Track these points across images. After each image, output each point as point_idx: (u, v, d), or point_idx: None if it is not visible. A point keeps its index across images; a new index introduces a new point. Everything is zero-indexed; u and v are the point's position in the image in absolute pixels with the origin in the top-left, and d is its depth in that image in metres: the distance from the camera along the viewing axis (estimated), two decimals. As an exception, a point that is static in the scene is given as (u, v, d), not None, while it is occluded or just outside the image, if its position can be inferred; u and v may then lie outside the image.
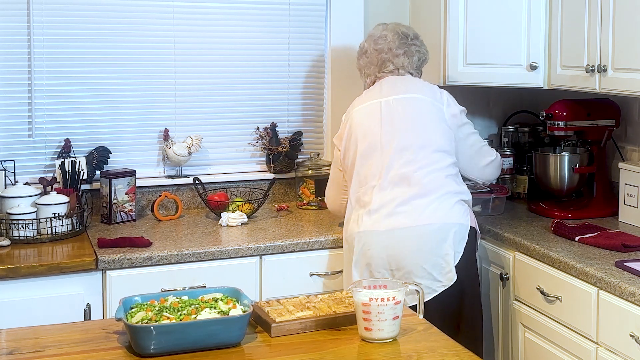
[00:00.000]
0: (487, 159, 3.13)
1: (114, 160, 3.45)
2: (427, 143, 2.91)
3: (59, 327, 2.14)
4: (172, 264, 2.91)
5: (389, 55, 3.07)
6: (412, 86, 3.03)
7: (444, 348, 1.96)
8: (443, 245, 2.82)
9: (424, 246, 2.81)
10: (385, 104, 2.96)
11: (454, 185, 2.92)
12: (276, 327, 2.03)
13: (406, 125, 2.93)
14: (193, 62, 3.58)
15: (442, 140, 2.94)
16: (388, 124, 2.92)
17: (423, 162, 2.88)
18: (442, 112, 2.98)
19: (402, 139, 2.90)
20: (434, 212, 2.83)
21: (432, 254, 2.81)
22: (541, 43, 3.28)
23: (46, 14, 3.32)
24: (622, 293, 2.45)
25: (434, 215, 2.83)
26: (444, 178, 2.89)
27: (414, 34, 3.16)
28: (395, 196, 2.85)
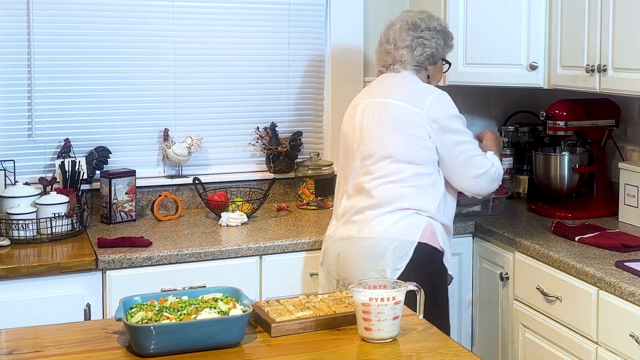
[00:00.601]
0: (477, 171, 2.81)
1: (113, 160, 3.45)
2: (389, 153, 2.73)
3: (59, 327, 2.14)
4: (172, 264, 2.91)
5: (391, 47, 2.88)
6: (395, 89, 2.82)
7: (444, 348, 1.96)
8: (380, 261, 2.67)
9: (363, 260, 2.71)
10: (362, 107, 2.85)
11: (413, 198, 2.72)
12: (276, 327, 2.02)
13: (373, 132, 2.78)
14: (193, 62, 3.57)
15: (409, 150, 2.73)
16: (359, 129, 2.82)
17: (380, 173, 2.74)
18: (421, 118, 2.72)
19: (367, 146, 2.78)
20: (377, 225, 2.70)
21: (369, 268, 2.68)
22: (541, 43, 3.28)
23: (46, 14, 3.32)
24: (622, 293, 2.45)
25: (375, 229, 2.70)
26: (399, 189, 2.72)
27: (428, 25, 2.89)
28: (354, 204, 2.78)
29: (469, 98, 3.98)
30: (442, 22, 2.99)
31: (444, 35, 2.93)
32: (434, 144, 2.74)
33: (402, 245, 2.68)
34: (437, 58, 2.92)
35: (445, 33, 2.95)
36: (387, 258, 2.67)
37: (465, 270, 3.33)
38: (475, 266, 3.32)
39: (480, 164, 2.83)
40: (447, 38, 2.95)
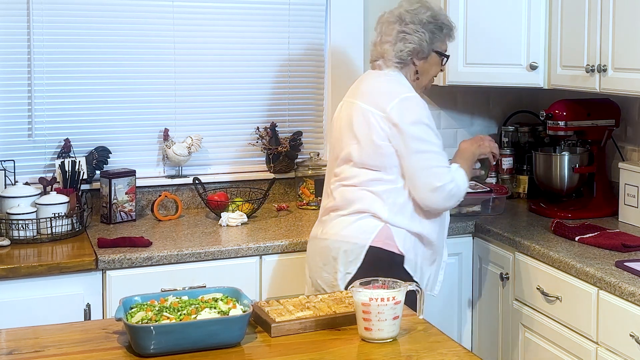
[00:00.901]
0: (434, 184, 2.61)
1: (113, 160, 3.45)
2: (349, 157, 2.68)
3: (59, 327, 2.14)
4: (172, 264, 2.91)
5: (378, 41, 2.79)
6: (367, 89, 2.73)
7: (443, 348, 1.96)
8: (333, 264, 2.65)
9: (320, 261, 2.71)
10: (339, 106, 2.85)
11: (370, 202, 2.64)
12: (276, 327, 2.02)
13: (340, 134, 2.75)
14: (193, 62, 3.57)
15: (365, 156, 2.65)
16: (330, 131, 2.84)
17: (342, 175, 2.71)
18: (382, 121, 2.62)
19: (334, 149, 2.79)
20: (332, 227, 2.68)
21: (324, 270, 2.69)
22: (541, 43, 3.29)
23: (46, 14, 3.32)
24: (622, 293, 2.45)
25: (330, 231, 2.68)
26: (356, 192, 2.65)
27: (414, 18, 2.73)
28: (324, 205, 2.80)
29: (469, 98, 3.99)
30: (437, 12, 2.79)
31: (433, 28, 2.75)
32: (394, 149, 2.63)
33: (352, 248, 2.63)
34: (425, 53, 2.75)
35: (437, 25, 2.76)
36: (339, 261, 2.64)
37: (465, 270, 3.33)
38: (475, 266, 3.32)
39: (438, 177, 2.62)
40: (437, 30, 2.76)
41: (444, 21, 2.80)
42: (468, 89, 3.89)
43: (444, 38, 2.81)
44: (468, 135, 4.00)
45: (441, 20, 2.78)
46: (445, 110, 3.97)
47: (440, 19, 2.78)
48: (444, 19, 2.81)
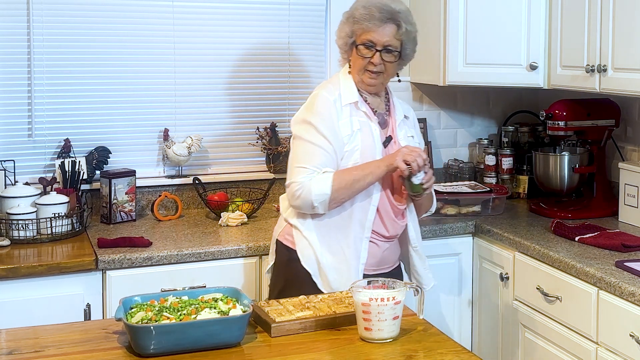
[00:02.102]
0: (287, 181, 2.62)
1: (114, 160, 3.45)
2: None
3: (59, 327, 2.14)
4: (172, 264, 2.91)
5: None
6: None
7: (443, 348, 1.96)
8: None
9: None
10: None
11: (284, 199, 2.70)
12: (276, 327, 2.03)
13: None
14: (193, 62, 3.57)
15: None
16: None
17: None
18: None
19: None
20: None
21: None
22: (541, 43, 3.29)
23: (46, 14, 3.32)
24: (622, 293, 2.45)
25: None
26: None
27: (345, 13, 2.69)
28: None
29: (469, 98, 3.99)
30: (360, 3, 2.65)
31: (344, 19, 2.69)
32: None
33: (272, 241, 2.77)
34: (348, 45, 2.67)
35: (347, 15, 2.68)
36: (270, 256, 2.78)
37: (465, 270, 3.33)
38: (475, 266, 3.32)
39: (290, 175, 2.60)
40: (345, 20, 2.68)
41: (351, 8, 2.68)
42: (468, 89, 3.89)
43: (351, 25, 2.65)
44: (468, 135, 4.01)
45: (351, 10, 2.68)
46: (445, 110, 3.97)
47: (351, 9, 2.68)
48: (353, 7, 2.68)
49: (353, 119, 2.61)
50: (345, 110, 2.62)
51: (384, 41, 2.61)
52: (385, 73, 2.67)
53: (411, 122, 2.80)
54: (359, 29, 2.62)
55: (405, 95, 3.88)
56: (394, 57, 2.64)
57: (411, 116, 2.81)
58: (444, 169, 3.96)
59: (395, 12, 2.62)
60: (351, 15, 2.66)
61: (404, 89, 3.88)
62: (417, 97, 3.91)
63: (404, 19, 2.63)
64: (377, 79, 2.66)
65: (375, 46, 2.62)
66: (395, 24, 2.62)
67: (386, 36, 2.61)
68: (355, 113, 2.63)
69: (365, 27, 2.61)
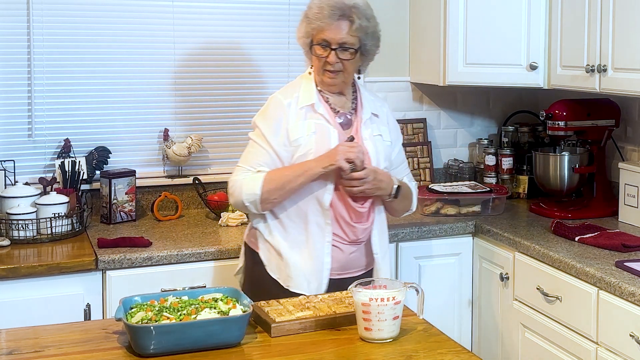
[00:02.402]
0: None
1: (114, 160, 3.45)
2: None
3: (59, 327, 2.14)
4: (172, 264, 2.91)
5: None
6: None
7: (443, 348, 1.96)
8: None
9: None
10: None
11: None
12: (276, 327, 2.02)
13: None
14: (193, 62, 3.57)
15: None
16: None
17: None
18: None
19: None
20: None
21: None
22: (541, 43, 3.29)
23: (46, 14, 3.32)
24: (622, 293, 2.45)
25: None
26: None
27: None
28: None
29: (469, 98, 3.99)
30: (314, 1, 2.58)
31: (302, 16, 2.62)
32: None
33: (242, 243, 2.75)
34: (307, 45, 2.61)
35: (304, 12, 2.61)
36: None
37: (465, 270, 3.33)
38: (475, 266, 3.32)
39: (233, 172, 2.61)
40: (304, 17, 2.61)
41: (307, 7, 2.61)
42: (468, 89, 3.89)
43: (306, 25, 2.59)
44: (468, 135, 4.01)
45: (306, 9, 2.61)
46: (445, 110, 3.97)
47: (307, 8, 2.61)
48: (308, 6, 2.61)
49: (309, 122, 2.55)
50: (300, 113, 2.56)
51: (338, 39, 2.53)
52: (345, 72, 2.58)
53: (383, 120, 2.69)
54: (313, 28, 2.55)
55: (405, 96, 3.88)
56: (350, 54, 2.55)
57: (382, 114, 2.70)
58: (444, 169, 3.96)
59: (348, 8, 2.53)
60: (306, 15, 2.59)
61: (404, 89, 3.88)
62: (417, 97, 3.91)
63: (358, 14, 2.54)
64: (336, 78, 2.58)
65: (330, 45, 2.54)
66: (349, 20, 2.53)
67: (340, 33, 2.53)
68: (311, 115, 2.56)
69: (318, 26, 2.54)
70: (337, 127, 2.58)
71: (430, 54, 3.64)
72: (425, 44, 3.71)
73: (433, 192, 3.46)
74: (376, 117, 2.67)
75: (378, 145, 2.62)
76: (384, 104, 2.77)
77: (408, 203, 2.75)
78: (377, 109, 2.69)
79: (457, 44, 3.47)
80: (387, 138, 2.68)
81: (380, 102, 2.76)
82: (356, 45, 2.56)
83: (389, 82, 3.85)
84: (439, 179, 3.91)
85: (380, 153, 2.62)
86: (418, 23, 3.78)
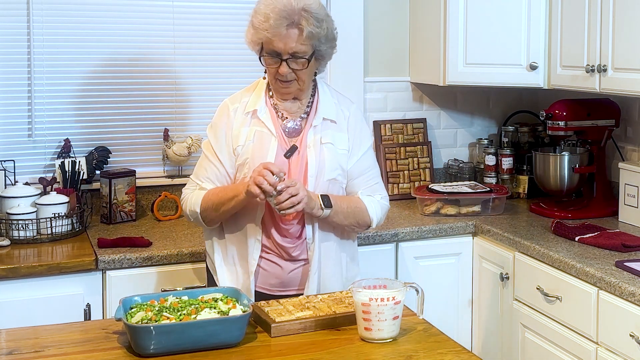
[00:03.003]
0: None
1: (114, 160, 3.45)
2: None
3: (59, 327, 2.14)
4: (172, 264, 2.91)
5: None
6: None
7: (443, 348, 1.96)
8: None
9: None
10: None
11: None
12: (276, 327, 2.02)
13: None
14: (193, 62, 3.57)
15: None
16: None
17: None
18: None
19: None
20: None
21: None
22: (541, 43, 3.29)
23: (46, 14, 3.32)
24: (622, 293, 2.45)
25: None
26: None
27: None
28: None
29: (469, 98, 3.99)
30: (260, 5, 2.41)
31: (249, 22, 2.46)
32: None
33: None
34: (254, 51, 2.49)
35: (250, 19, 2.45)
36: None
37: (465, 270, 3.33)
38: (475, 266, 3.32)
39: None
40: (250, 24, 2.46)
41: (253, 11, 2.44)
42: (468, 89, 3.89)
43: (250, 30, 2.45)
44: (468, 135, 4.01)
45: (252, 13, 2.45)
46: (445, 110, 3.97)
47: (252, 13, 2.45)
48: (253, 10, 2.44)
49: (251, 129, 2.45)
50: (245, 119, 2.46)
51: (288, 49, 2.36)
52: (299, 80, 2.43)
53: (341, 126, 2.51)
54: (260, 38, 2.39)
55: (405, 95, 3.88)
56: (303, 64, 2.39)
57: (342, 118, 2.51)
58: (444, 169, 3.96)
59: (296, 13, 2.34)
60: (251, 22, 2.42)
61: (404, 89, 3.88)
62: (417, 97, 3.91)
63: (308, 20, 2.35)
64: (290, 88, 2.44)
65: (281, 56, 2.38)
66: (298, 28, 2.35)
67: (290, 43, 2.35)
68: (255, 122, 2.46)
69: (264, 37, 2.37)
70: (279, 136, 2.45)
71: (430, 54, 3.64)
72: (425, 44, 3.71)
73: (433, 192, 3.46)
74: (332, 123, 2.50)
75: (326, 154, 2.45)
76: (349, 107, 2.57)
77: (356, 218, 2.50)
78: (336, 114, 2.52)
79: (457, 44, 3.47)
80: (343, 146, 2.49)
81: (345, 105, 2.56)
82: (309, 53, 2.39)
83: (389, 82, 3.85)
84: (439, 179, 3.91)
85: (327, 162, 2.45)
86: (418, 23, 3.78)
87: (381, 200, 2.58)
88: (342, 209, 2.45)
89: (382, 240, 3.16)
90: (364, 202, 2.52)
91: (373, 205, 2.54)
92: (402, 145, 3.82)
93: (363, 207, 2.51)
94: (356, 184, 2.54)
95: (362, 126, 2.59)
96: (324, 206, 2.40)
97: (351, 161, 2.52)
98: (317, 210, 2.40)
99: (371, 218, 2.53)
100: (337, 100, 2.57)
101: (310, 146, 2.45)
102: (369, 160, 2.57)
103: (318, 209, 2.39)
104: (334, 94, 2.59)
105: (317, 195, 2.40)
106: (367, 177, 2.56)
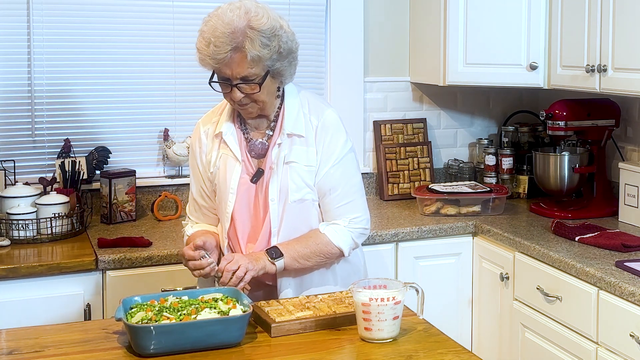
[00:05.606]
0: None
1: (113, 160, 3.45)
2: None
3: (59, 327, 2.14)
4: (172, 264, 2.91)
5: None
6: None
7: (443, 348, 1.96)
8: None
9: None
10: None
11: None
12: (276, 327, 2.02)
13: None
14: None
15: None
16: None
17: None
18: None
19: None
20: None
21: None
22: (541, 43, 3.29)
23: (46, 14, 3.32)
24: (622, 293, 2.45)
25: None
26: None
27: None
28: None
29: (469, 98, 3.99)
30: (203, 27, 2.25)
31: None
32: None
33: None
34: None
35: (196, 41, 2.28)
36: None
37: (465, 270, 3.33)
38: (475, 266, 3.32)
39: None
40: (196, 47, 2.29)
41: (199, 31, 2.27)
42: (468, 89, 3.89)
43: (197, 54, 2.28)
44: (468, 135, 4.01)
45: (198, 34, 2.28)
46: (445, 110, 3.97)
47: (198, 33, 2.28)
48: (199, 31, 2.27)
49: (218, 153, 2.33)
50: (215, 142, 2.35)
51: (235, 74, 2.18)
52: (258, 101, 2.24)
53: (309, 140, 2.30)
54: (207, 63, 2.21)
55: (405, 96, 3.89)
56: (253, 88, 2.20)
57: (310, 130, 2.30)
58: (444, 169, 3.96)
59: (239, 34, 2.14)
60: (196, 45, 2.23)
61: (404, 89, 3.88)
62: (417, 97, 3.91)
63: (252, 40, 2.14)
64: (249, 109, 2.27)
65: (230, 81, 2.20)
66: (241, 53, 2.15)
67: (236, 68, 2.17)
68: (223, 146, 2.33)
69: (209, 64, 2.21)
70: (244, 159, 2.31)
71: (430, 54, 3.64)
72: (425, 44, 3.71)
73: (433, 192, 3.46)
74: (299, 138, 2.30)
75: (289, 174, 2.28)
76: (320, 115, 2.32)
77: (321, 255, 2.30)
78: (305, 127, 2.30)
79: (457, 44, 3.47)
80: (310, 162, 2.29)
81: (315, 114, 2.32)
82: (260, 75, 2.19)
83: (389, 82, 3.85)
84: (439, 179, 3.91)
85: (290, 183, 2.28)
86: (418, 23, 3.78)
87: (349, 224, 2.33)
88: (298, 253, 2.27)
89: (382, 240, 3.17)
90: (326, 235, 2.30)
91: (337, 235, 2.31)
92: (402, 145, 3.82)
93: (325, 241, 2.30)
94: (327, 202, 2.33)
95: (333, 134, 2.32)
96: (272, 259, 2.24)
97: (317, 177, 2.30)
98: (269, 268, 2.24)
99: (340, 248, 2.31)
100: (308, 109, 2.33)
101: (274, 167, 2.29)
102: (337, 174, 2.32)
103: (270, 266, 2.24)
104: (305, 104, 2.34)
105: (262, 252, 2.25)
106: (338, 196, 2.32)
